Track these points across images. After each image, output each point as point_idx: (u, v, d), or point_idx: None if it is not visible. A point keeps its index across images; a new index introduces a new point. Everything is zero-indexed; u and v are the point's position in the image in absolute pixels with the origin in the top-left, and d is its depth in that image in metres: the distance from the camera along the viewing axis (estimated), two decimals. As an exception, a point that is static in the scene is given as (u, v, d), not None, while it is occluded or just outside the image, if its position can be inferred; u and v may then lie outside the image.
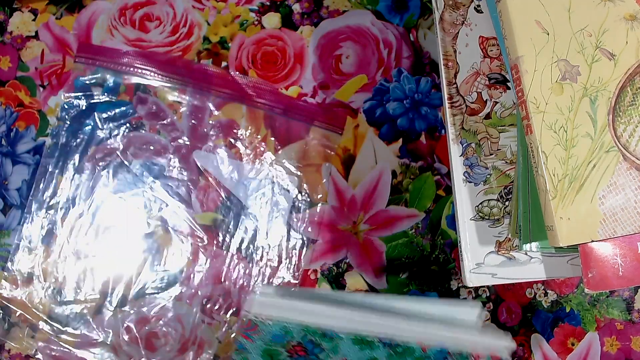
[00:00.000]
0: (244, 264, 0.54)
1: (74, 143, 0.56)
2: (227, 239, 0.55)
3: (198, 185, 0.55)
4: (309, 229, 0.55)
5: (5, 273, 0.55)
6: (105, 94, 0.53)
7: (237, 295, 0.54)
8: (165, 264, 0.54)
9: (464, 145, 0.47)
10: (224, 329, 0.54)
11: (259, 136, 0.56)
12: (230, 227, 0.55)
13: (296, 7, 0.58)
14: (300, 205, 0.55)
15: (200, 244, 0.55)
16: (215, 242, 0.55)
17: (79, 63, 0.52)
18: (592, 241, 0.39)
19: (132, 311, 0.54)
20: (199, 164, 0.54)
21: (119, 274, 0.54)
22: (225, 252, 0.55)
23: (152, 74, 0.55)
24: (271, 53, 0.57)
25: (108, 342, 0.54)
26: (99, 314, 0.54)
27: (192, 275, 0.54)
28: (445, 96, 0.48)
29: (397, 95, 0.56)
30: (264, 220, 0.55)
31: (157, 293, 0.54)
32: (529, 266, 0.46)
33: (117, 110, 0.56)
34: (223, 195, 0.55)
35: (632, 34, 0.40)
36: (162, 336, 0.54)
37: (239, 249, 0.55)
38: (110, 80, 0.52)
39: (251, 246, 0.55)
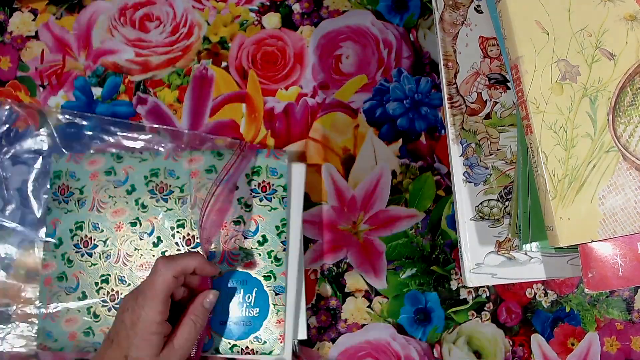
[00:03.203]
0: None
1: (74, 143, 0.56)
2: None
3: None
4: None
5: (7, 272, 0.55)
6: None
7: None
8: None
9: (464, 145, 0.47)
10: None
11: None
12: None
13: (296, 7, 0.58)
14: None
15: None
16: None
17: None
18: (592, 241, 0.39)
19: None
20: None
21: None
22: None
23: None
24: (271, 53, 0.57)
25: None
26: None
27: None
28: (445, 96, 0.48)
29: (397, 95, 0.56)
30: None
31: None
32: (529, 266, 0.46)
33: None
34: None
35: (632, 34, 0.40)
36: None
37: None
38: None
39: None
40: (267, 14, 0.58)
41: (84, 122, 0.56)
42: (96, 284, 0.52)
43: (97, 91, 0.58)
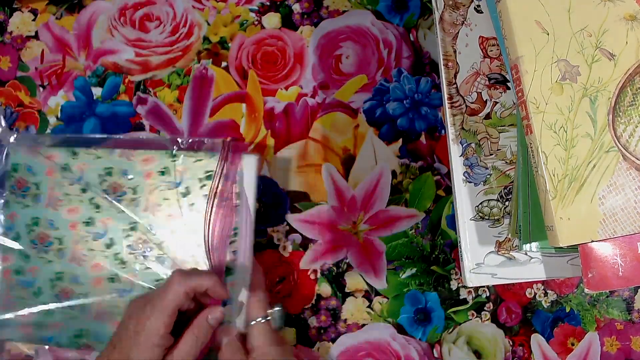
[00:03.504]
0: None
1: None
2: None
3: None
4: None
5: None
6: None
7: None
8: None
9: (464, 145, 0.47)
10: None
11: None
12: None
13: (296, 7, 0.58)
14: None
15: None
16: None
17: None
18: (592, 241, 0.39)
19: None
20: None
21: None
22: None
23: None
24: (271, 53, 0.57)
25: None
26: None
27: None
28: (445, 96, 0.48)
29: (397, 95, 0.56)
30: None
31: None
32: (529, 266, 0.46)
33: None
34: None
35: (632, 34, 0.40)
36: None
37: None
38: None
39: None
40: (267, 14, 0.58)
41: (82, 124, 0.56)
42: (51, 280, 0.51)
43: (97, 91, 0.58)
